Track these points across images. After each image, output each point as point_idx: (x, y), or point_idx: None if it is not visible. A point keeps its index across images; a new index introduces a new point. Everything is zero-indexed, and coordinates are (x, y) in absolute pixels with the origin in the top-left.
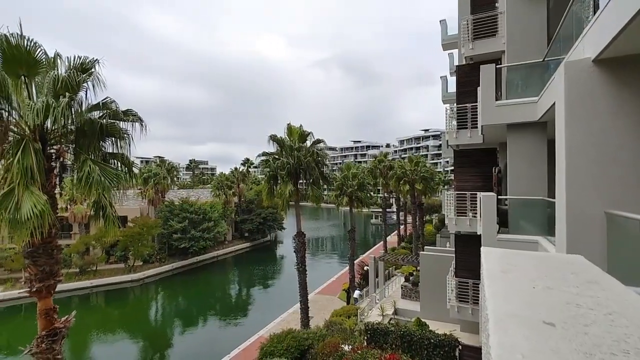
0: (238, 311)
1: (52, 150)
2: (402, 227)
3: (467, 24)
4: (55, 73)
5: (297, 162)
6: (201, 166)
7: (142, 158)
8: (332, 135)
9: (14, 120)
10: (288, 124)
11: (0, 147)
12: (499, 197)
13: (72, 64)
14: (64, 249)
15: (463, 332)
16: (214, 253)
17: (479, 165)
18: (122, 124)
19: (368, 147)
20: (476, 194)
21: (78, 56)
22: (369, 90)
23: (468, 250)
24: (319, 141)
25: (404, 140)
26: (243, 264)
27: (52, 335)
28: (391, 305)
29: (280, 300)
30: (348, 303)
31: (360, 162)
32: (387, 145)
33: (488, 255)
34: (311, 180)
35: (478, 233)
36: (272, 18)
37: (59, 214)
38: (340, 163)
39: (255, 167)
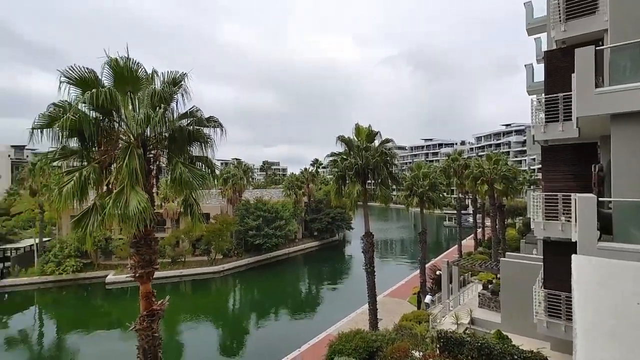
0: (307, 307)
1: (150, 155)
2: (479, 230)
3: (559, 3)
4: (153, 87)
5: (365, 162)
6: (273, 167)
7: (222, 160)
8: (401, 134)
9: (122, 130)
10: (356, 124)
11: (113, 153)
12: (601, 199)
13: (165, 79)
14: (159, 241)
15: (554, 352)
16: (285, 250)
17: (573, 163)
18: (205, 130)
19: (440, 145)
20: (570, 196)
21: (170, 71)
22: (441, 86)
23: (560, 259)
24: (387, 140)
25: (481, 137)
26: (312, 262)
27: (151, 315)
28: (467, 314)
29: (349, 300)
30: (419, 308)
31: (431, 161)
32: (462, 143)
33: (580, 265)
34: (379, 180)
35: (573, 240)
36: (335, 18)
37: (156, 210)
38: (410, 162)
39: (324, 167)
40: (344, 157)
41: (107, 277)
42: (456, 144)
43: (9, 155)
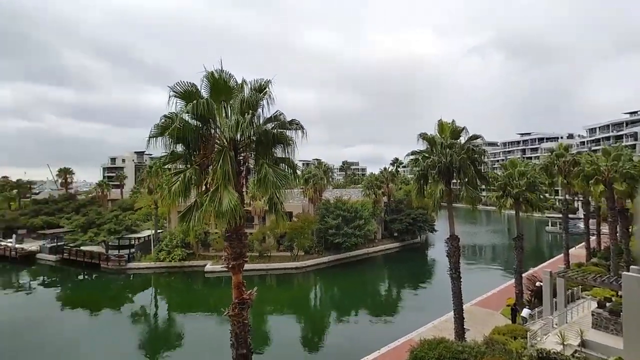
0: (387, 309)
1: (240, 157)
2: (593, 238)
3: None
4: (242, 95)
5: (449, 160)
6: (353, 167)
7: (303, 161)
8: (491, 130)
9: (217, 135)
10: (439, 121)
11: (210, 156)
12: None
13: (252, 87)
14: (248, 236)
15: None
16: (365, 250)
17: None
18: (288, 132)
19: (541, 139)
20: None
21: (256, 79)
22: (540, 73)
23: None
24: (475, 137)
25: (595, 129)
26: (392, 263)
27: (241, 303)
28: (576, 335)
29: (431, 305)
30: (514, 322)
31: (529, 158)
32: (570, 136)
33: None
34: (466, 180)
35: None
36: (412, 10)
37: (245, 208)
38: (502, 160)
39: (404, 166)
40: (426, 155)
41: (205, 267)
42: (561, 137)
43: (133, 160)
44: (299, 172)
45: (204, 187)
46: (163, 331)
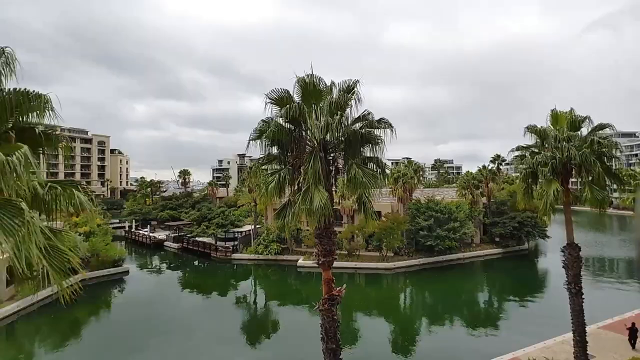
0: (487, 321)
1: (330, 157)
2: None
3: None
4: (331, 97)
5: (566, 155)
6: (446, 165)
7: (392, 160)
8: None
9: (308, 137)
10: (552, 110)
11: (301, 157)
12: None
13: (340, 88)
14: (337, 235)
15: None
16: (460, 254)
17: None
18: (376, 132)
19: None
20: None
21: (344, 80)
22: None
23: None
24: (601, 126)
25: None
26: (493, 271)
27: (331, 299)
28: None
29: (542, 323)
30: (633, 346)
31: None
32: None
33: None
34: (590, 179)
35: None
36: None
37: (334, 207)
38: None
39: (508, 164)
40: (535, 150)
41: (298, 262)
42: None
43: (236, 162)
44: (387, 171)
45: (296, 186)
46: (260, 318)
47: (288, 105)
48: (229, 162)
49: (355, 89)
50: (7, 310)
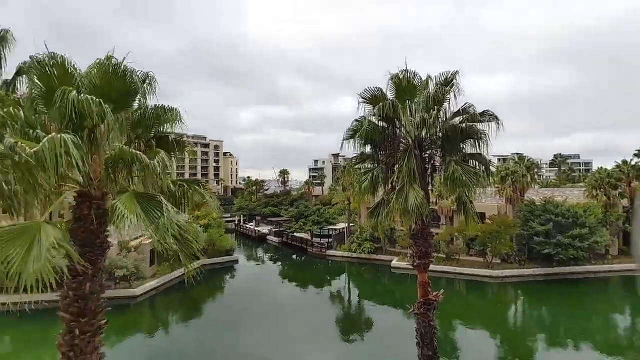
0: (631, 352)
1: (426, 155)
2: None
3: None
4: (427, 92)
5: None
6: (569, 161)
7: (499, 156)
8: None
9: (402, 134)
10: None
11: (395, 155)
12: None
13: (437, 81)
14: (434, 236)
15: None
16: (590, 267)
17: None
18: (479, 126)
19: None
20: None
21: (442, 73)
22: None
23: None
24: None
25: None
26: (637, 291)
27: (427, 304)
28: None
29: None
30: None
31: None
32: None
33: None
34: None
35: None
36: None
37: (431, 207)
38: None
39: None
40: None
41: (392, 262)
42: None
43: (331, 162)
44: (493, 169)
45: (390, 185)
46: (354, 315)
47: (381, 103)
48: (324, 162)
49: (454, 81)
50: (151, 285)
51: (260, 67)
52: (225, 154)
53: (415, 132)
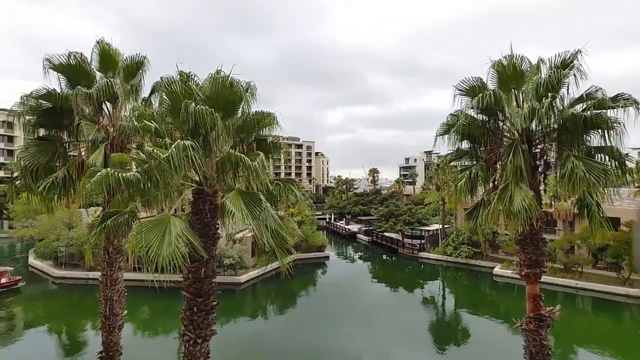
0: None
1: (536, 150)
2: None
3: None
4: (538, 77)
5: None
6: None
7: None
8: None
9: (506, 128)
10: None
11: (497, 151)
12: None
13: (552, 64)
14: (548, 243)
15: None
16: None
17: None
18: (609, 113)
19: None
20: None
21: (558, 54)
22: None
23: None
24: None
25: None
26: None
27: (538, 319)
28: None
29: None
30: None
31: None
32: None
33: None
34: None
35: None
36: None
37: (543, 209)
38: None
39: None
40: None
41: (494, 269)
42: None
43: (423, 160)
44: (630, 165)
45: (492, 184)
46: (449, 322)
47: (481, 94)
48: (415, 160)
49: (574, 62)
50: (252, 274)
51: (349, 68)
52: (316, 153)
53: (522, 124)
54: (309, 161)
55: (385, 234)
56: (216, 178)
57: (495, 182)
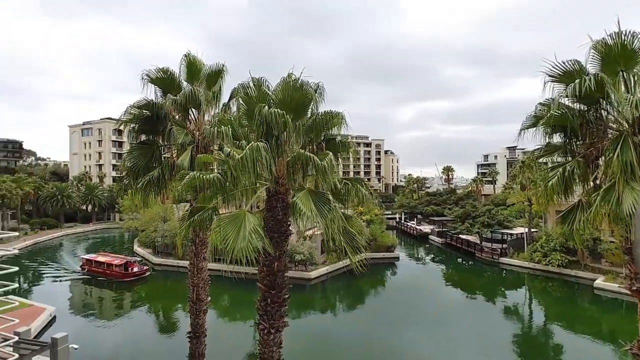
0: None
1: None
2: None
3: None
4: None
5: None
6: None
7: None
8: None
9: (612, 118)
10: None
11: (600, 145)
12: None
13: None
14: None
15: None
16: None
17: None
18: None
19: None
20: None
21: None
22: None
23: None
24: None
25: None
26: None
27: None
28: None
29: None
30: None
31: None
32: None
33: None
34: None
35: None
36: None
37: None
38: None
39: None
40: None
41: (595, 281)
42: None
43: (505, 156)
44: None
45: (591, 183)
46: (536, 338)
47: (579, 80)
48: (495, 157)
49: None
50: (322, 271)
51: (419, 62)
52: (385, 152)
53: (634, 112)
54: (378, 160)
55: (460, 236)
56: (287, 177)
57: (597, 181)
